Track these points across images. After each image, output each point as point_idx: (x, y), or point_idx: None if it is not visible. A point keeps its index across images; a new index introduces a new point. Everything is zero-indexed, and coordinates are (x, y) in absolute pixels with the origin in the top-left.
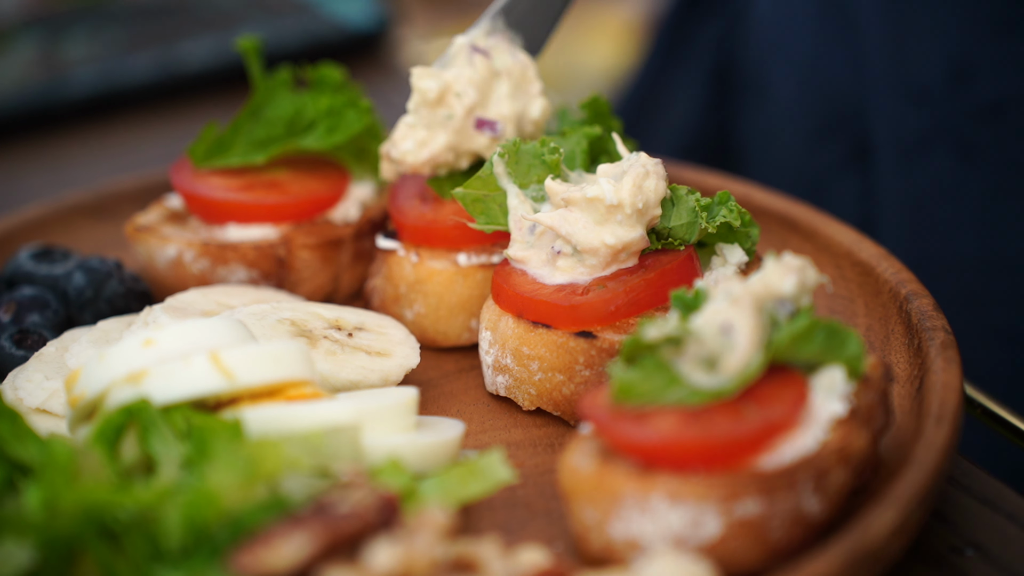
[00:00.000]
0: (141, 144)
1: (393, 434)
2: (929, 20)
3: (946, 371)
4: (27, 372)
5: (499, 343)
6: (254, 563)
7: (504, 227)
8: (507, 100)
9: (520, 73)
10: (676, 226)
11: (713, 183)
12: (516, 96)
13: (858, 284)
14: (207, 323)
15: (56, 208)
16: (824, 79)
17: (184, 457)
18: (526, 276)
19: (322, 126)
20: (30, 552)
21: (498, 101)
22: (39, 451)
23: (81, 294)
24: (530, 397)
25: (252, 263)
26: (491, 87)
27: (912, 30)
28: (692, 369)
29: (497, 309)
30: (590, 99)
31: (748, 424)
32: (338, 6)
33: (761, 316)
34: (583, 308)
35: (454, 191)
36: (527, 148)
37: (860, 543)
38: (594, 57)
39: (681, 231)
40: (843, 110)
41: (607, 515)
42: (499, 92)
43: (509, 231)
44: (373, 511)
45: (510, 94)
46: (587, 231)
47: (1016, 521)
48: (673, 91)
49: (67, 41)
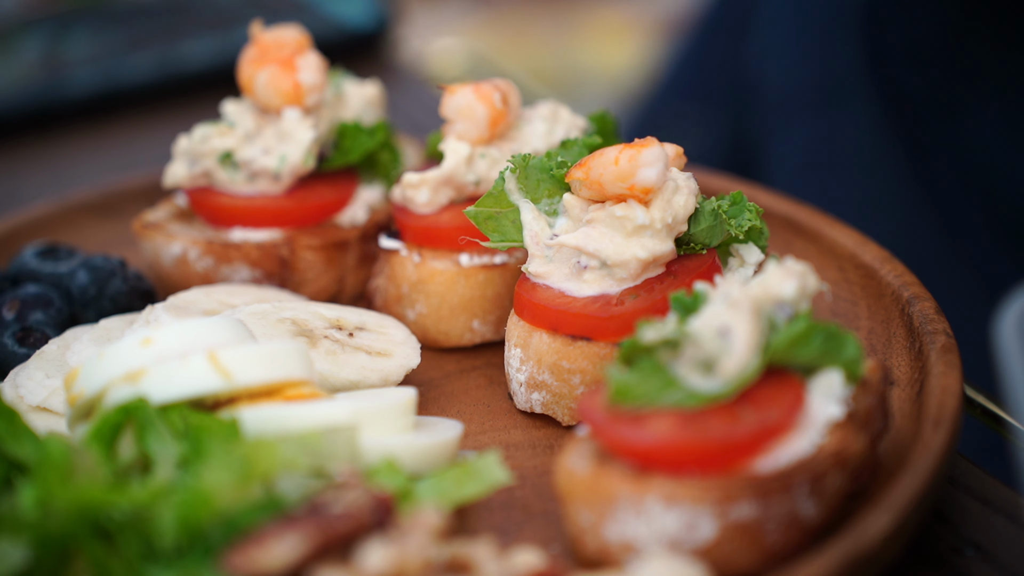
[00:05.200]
0: (141, 144)
1: (391, 435)
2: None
3: (946, 375)
4: (28, 370)
5: (533, 359)
6: (247, 563)
7: (519, 243)
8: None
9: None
10: (697, 231)
11: (716, 184)
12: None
13: (861, 287)
14: (206, 322)
15: (61, 206)
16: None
17: (180, 456)
18: (552, 290)
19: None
20: (24, 551)
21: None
22: (35, 450)
23: (84, 292)
24: (571, 412)
25: (255, 263)
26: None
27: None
28: (689, 371)
29: (526, 325)
30: (599, 114)
31: (744, 427)
32: (338, 6)
33: (760, 320)
34: (623, 318)
35: (466, 211)
36: (535, 163)
37: (855, 547)
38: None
39: (702, 236)
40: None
41: (602, 517)
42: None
43: (524, 247)
44: (367, 512)
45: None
46: (616, 246)
47: (1016, 521)
48: (685, 110)
49: (67, 41)
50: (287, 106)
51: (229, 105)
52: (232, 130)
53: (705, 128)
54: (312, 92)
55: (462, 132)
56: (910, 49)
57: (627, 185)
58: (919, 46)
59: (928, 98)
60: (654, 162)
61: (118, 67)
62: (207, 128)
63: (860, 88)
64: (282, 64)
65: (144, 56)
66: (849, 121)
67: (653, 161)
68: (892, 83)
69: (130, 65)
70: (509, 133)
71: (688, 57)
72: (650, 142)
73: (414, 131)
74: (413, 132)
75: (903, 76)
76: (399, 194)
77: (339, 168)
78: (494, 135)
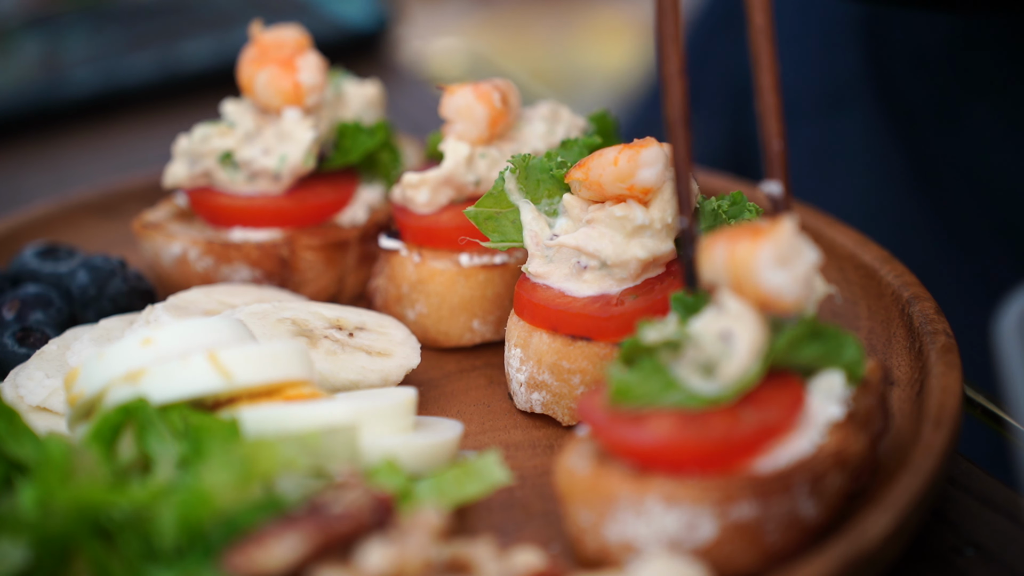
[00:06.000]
0: (141, 144)
1: (391, 435)
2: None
3: (946, 375)
4: (28, 370)
5: (533, 359)
6: (246, 563)
7: (519, 243)
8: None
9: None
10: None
11: (716, 184)
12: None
13: (861, 287)
14: (206, 322)
15: (62, 206)
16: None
17: (180, 456)
18: (551, 290)
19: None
20: (24, 551)
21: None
22: (35, 450)
23: (84, 292)
24: (571, 412)
25: (255, 263)
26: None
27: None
28: (689, 373)
29: (526, 325)
30: (599, 114)
31: (744, 427)
32: (338, 6)
33: (763, 324)
34: (623, 318)
35: (466, 211)
36: (535, 163)
37: (855, 547)
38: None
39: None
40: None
41: (602, 517)
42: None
43: (524, 247)
44: (367, 512)
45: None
46: (616, 247)
47: (1016, 521)
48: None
49: (67, 41)
50: (287, 106)
51: (229, 105)
52: (232, 130)
53: (704, 129)
54: (312, 92)
55: (462, 132)
56: (912, 56)
57: (626, 185)
58: (921, 53)
59: (929, 105)
60: (653, 162)
61: (118, 67)
62: (207, 128)
63: (861, 94)
64: (282, 64)
65: (144, 56)
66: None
67: (652, 161)
68: (894, 90)
69: (130, 65)
70: (509, 133)
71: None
72: (649, 142)
73: (414, 131)
74: (413, 132)
75: (904, 83)
76: (399, 194)
77: (339, 168)
78: (494, 135)
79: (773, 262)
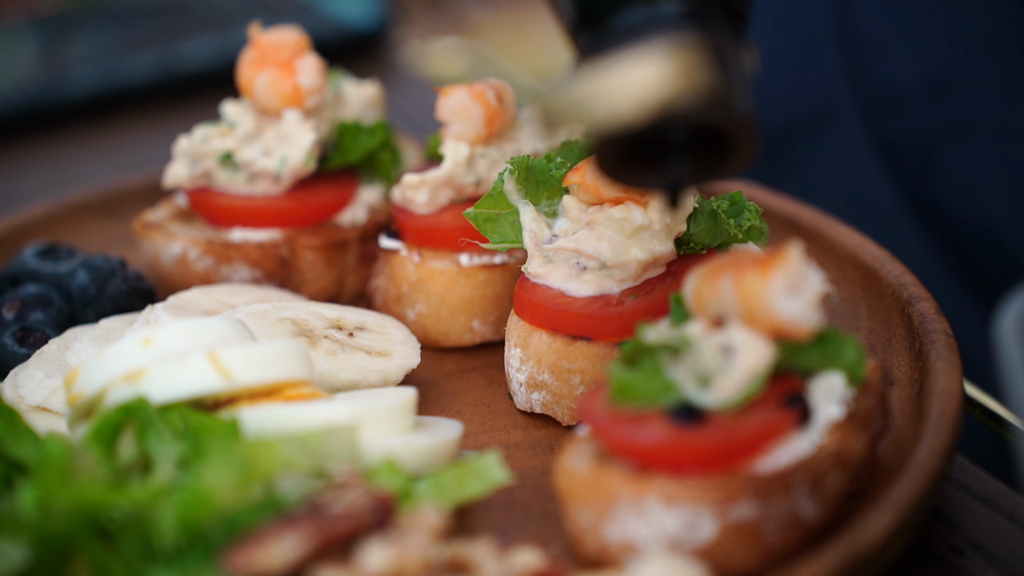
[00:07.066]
0: (141, 144)
1: (391, 435)
2: (913, 30)
3: (946, 375)
4: (28, 370)
5: (533, 359)
6: (246, 563)
7: (518, 245)
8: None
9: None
10: (696, 231)
11: (716, 184)
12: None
13: (861, 287)
14: (206, 322)
15: (62, 206)
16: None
17: (180, 456)
18: (551, 290)
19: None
20: (24, 551)
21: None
22: (35, 450)
23: (84, 292)
24: (571, 412)
25: (255, 262)
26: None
27: (895, 38)
28: (686, 380)
29: (525, 325)
30: None
31: (744, 427)
32: (338, 6)
33: (772, 351)
34: (623, 318)
35: (465, 213)
36: (535, 164)
37: (855, 547)
38: None
39: (702, 236)
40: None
41: (602, 517)
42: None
43: (524, 248)
44: (367, 512)
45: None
46: (615, 248)
47: (1016, 521)
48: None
49: (67, 41)
50: (287, 108)
51: (229, 106)
52: (232, 131)
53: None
54: (312, 95)
55: (460, 132)
56: (892, 97)
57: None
58: (901, 94)
59: (910, 146)
60: None
61: (118, 67)
62: (207, 129)
63: (845, 123)
64: (281, 67)
65: (144, 56)
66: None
67: None
68: (875, 127)
69: (130, 65)
70: (508, 134)
71: None
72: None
73: (414, 131)
74: (413, 132)
75: (886, 122)
76: (399, 194)
77: (339, 168)
78: (492, 133)
79: (786, 291)
